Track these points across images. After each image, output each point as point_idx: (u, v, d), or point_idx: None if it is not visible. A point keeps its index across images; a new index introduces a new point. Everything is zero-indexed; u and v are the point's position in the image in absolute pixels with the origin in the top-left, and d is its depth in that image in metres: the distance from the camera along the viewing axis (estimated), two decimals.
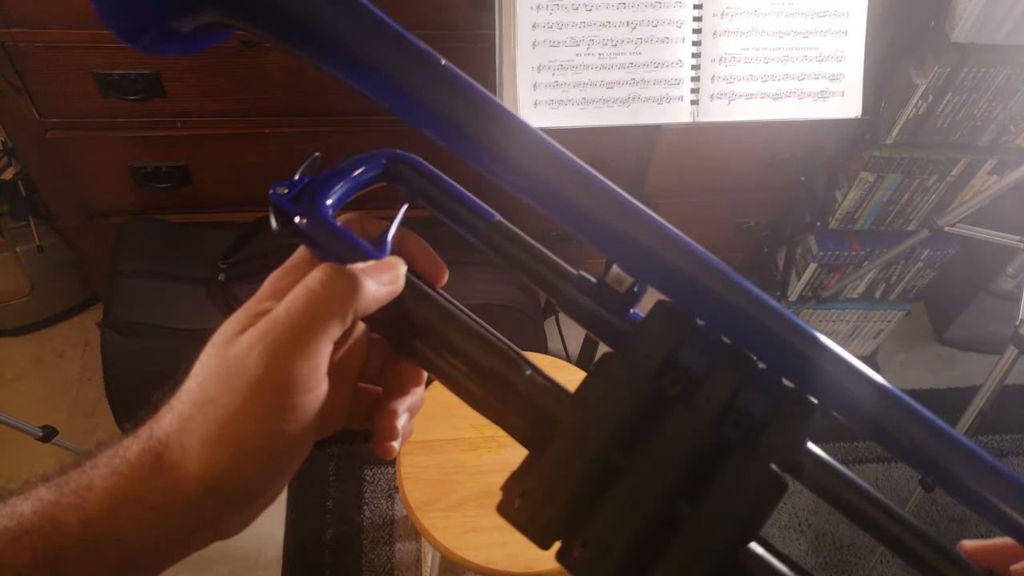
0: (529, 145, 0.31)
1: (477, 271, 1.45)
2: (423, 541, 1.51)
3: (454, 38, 1.35)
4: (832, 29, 1.08)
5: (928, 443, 0.30)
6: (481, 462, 1.11)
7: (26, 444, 1.34)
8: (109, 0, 0.30)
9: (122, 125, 1.40)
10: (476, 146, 0.32)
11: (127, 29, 0.31)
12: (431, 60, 0.32)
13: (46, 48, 1.26)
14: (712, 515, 0.29)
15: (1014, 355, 1.27)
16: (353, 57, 0.31)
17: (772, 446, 0.29)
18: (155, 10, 0.31)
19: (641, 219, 0.32)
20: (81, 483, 0.28)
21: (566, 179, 0.31)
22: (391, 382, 0.37)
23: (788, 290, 1.87)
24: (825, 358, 0.30)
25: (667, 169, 1.51)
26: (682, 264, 0.31)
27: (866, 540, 1.68)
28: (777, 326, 0.31)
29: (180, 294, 1.40)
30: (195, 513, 0.29)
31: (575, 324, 0.36)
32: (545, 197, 0.32)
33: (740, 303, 0.31)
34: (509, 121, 0.32)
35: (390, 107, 0.32)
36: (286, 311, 0.29)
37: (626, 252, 0.32)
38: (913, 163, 1.57)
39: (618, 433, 0.30)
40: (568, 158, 0.32)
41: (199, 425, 0.28)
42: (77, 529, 0.27)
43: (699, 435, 0.30)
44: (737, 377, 0.30)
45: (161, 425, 0.29)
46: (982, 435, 1.88)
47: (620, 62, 1.04)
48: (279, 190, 0.34)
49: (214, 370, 0.29)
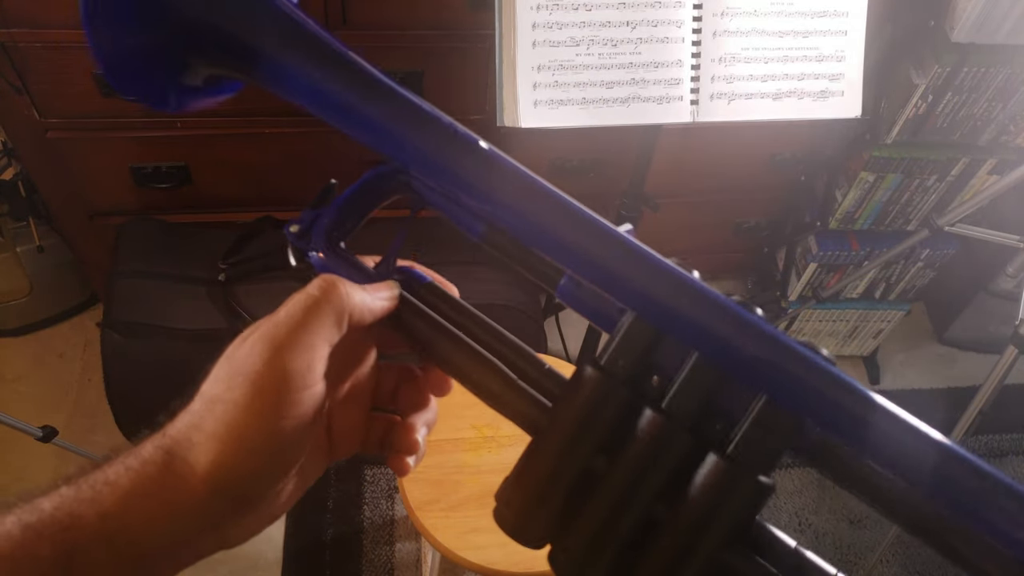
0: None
1: (478, 271, 1.45)
2: (423, 541, 1.51)
3: (454, 38, 1.35)
4: (832, 29, 1.08)
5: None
6: (481, 462, 1.11)
7: (26, 444, 1.34)
8: (125, 81, 0.35)
9: (122, 125, 1.40)
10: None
11: (154, 99, 0.36)
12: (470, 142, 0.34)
13: (46, 48, 1.26)
14: (688, 519, 0.29)
15: (1014, 355, 1.27)
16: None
17: (749, 446, 0.29)
18: (156, 76, 0.35)
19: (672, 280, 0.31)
20: (98, 479, 0.29)
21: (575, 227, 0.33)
22: (405, 402, 0.39)
23: (788, 290, 1.87)
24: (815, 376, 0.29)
25: (667, 169, 1.51)
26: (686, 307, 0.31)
27: (866, 540, 1.68)
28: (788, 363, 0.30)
29: (180, 294, 1.40)
30: (202, 512, 0.30)
31: (575, 324, 0.36)
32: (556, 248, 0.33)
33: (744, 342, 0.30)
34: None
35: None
36: (286, 312, 0.32)
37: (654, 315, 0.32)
38: (913, 163, 1.57)
39: (594, 441, 0.30)
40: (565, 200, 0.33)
41: (207, 422, 0.30)
42: (94, 522, 0.28)
43: (674, 439, 0.29)
44: (712, 377, 0.30)
45: (175, 425, 0.31)
46: (982, 435, 1.88)
47: (620, 62, 1.04)
48: (292, 228, 0.37)
49: (221, 370, 0.31)
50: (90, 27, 0.34)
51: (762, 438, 0.29)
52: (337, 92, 0.34)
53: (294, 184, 1.57)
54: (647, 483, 0.29)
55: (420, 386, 0.38)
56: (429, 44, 1.36)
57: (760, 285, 2.04)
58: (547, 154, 1.58)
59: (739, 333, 0.29)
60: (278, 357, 0.30)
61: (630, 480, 0.29)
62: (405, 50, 1.36)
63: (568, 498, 0.30)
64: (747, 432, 0.29)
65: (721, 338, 0.29)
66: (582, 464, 0.30)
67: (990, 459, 1.86)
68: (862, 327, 1.92)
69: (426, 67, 1.39)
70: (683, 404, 0.30)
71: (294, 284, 1.47)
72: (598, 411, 0.30)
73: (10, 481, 1.60)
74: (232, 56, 0.35)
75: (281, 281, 1.41)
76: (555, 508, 0.30)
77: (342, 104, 0.34)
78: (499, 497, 0.31)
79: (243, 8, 0.34)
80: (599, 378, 0.30)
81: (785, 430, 0.29)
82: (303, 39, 0.34)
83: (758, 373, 0.29)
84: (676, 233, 1.82)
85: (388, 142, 0.35)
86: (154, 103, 0.36)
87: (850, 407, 0.28)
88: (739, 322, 0.29)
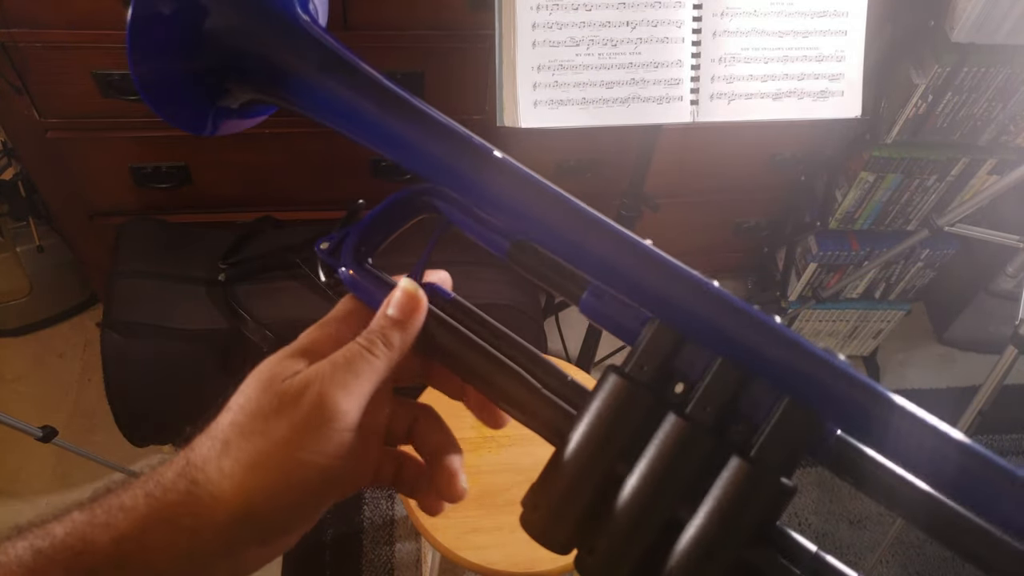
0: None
1: (479, 271, 1.45)
2: (423, 541, 1.51)
3: (454, 38, 1.35)
4: (832, 29, 1.08)
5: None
6: (482, 462, 1.11)
7: (26, 444, 1.34)
8: (165, 106, 0.37)
9: (122, 125, 1.40)
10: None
11: (192, 124, 0.38)
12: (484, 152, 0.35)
13: (46, 48, 1.26)
14: (712, 521, 0.29)
15: (1014, 355, 1.27)
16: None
17: (771, 448, 0.29)
18: (195, 102, 0.37)
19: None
20: (113, 504, 0.29)
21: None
22: (429, 442, 0.38)
23: (788, 290, 1.87)
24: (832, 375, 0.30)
25: (667, 169, 1.52)
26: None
27: (866, 540, 1.69)
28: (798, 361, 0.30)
29: (180, 294, 1.40)
30: (222, 540, 0.30)
31: (575, 324, 0.36)
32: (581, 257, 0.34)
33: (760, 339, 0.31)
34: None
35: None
36: (344, 357, 0.32)
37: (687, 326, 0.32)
38: (913, 163, 1.57)
39: (620, 446, 0.31)
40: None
41: (242, 452, 0.30)
42: (108, 547, 0.28)
43: (697, 442, 0.30)
44: (734, 381, 0.30)
45: (198, 453, 0.30)
46: (982, 435, 1.88)
47: (620, 62, 1.04)
48: (322, 245, 0.38)
49: (264, 402, 0.31)
50: (133, 56, 0.35)
51: (783, 440, 0.29)
52: (371, 114, 0.35)
53: (294, 184, 1.57)
54: (671, 486, 0.30)
55: (440, 424, 0.38)
56: (429, 44, 1.36)
57: (760, 285, 2.04)
58: (548, 154, 1.58)
59: (761, 337, 0.30)
60: (330, 398, 0.31)
61: (656, 483, 0.30)
62: (405, 50, 1.36)
63: (595, 502, 0.30)
64: (769, 434, 0.29)
65: (743, 342, 0.30)
66: (608, 469, 0.31)
67: None
68: (862, 327, 1.92)
69: (426, 67, 1.39)
70: (706, 408, 0.30)
71: (294, 284, 1.47)
72: (624, 416, 0.31)
73: (9, 481, 1.60)
74: (270, 82, 0.36)
75: (281, 281, 1.41)
76: (582, 512, 0.30)
77: (375, 126, 0.35)
78: (526, 503, 0.31)
79: (281, 37, 0.36)
80: (625, 385, 0.31)
81: (805, 431, 0.29)
82: (339, 66, 0.36)
83: (781, 376, 0.30)
84: (676, 233, 1.82)
85: (422, 163, 0.36)
86: (192, 129, 0.38)
87: (870, 407, 0.29)
88: (760, 327, 0.30)
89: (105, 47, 1.28)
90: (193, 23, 0.35)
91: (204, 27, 0.35)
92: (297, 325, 0.35)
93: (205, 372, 1.38)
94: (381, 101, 0.35)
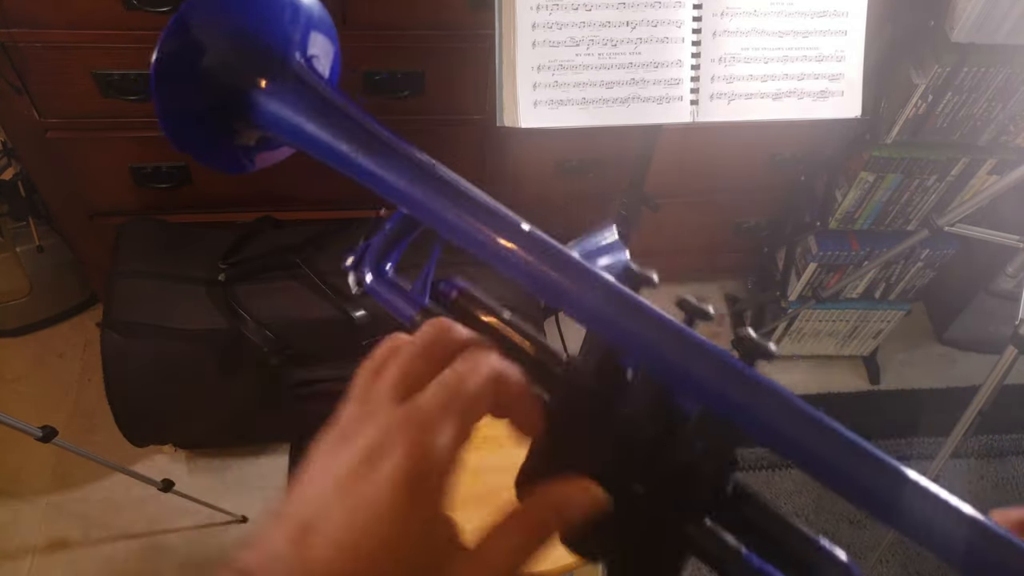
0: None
1: (479, 271, 1.45)
2: None
3: (454, 38, 1.35)
4: (832, 29, 1.08)
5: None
6: (481, 462, 1.11)
7: (26, 444, 1.34)
8: (191, 147, 0.41)
9: (122, 125, 1.40)
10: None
11: (229, 166, 0.44)
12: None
13: (46, 48, 1.26)
14: (658, 493, 0.32)
15: (1014, 355, 1.27)
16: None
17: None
18: (214, 142, 0.42)
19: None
20: None
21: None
22: None
23: (788, 290, 1.87)
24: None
25: (667, 169, 1.51)
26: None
27: (866, 540, 1.69)
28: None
29: (180, 294, 1.40)
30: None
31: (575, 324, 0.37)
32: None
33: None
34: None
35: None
36: (438, 460, 0.31)
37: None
38: (913, 163, 1.57)
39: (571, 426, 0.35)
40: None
41: (309, 566, 0.27)
42: None
43: (643, 427, 0.33)
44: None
45: (258, 558, 0.28)
46: (982, 435, 1.88)
47: (620, 62, 1.04)
48: (348, 261, 0.44)
49: (328, 500, 0.29)
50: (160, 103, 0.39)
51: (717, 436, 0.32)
52: (391, 179, 0.39)
53: (294, 184, 1.57)
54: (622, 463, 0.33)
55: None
56: (429, 44, 1.36)
57: (760, 285, 2.04)
58: (548, 154, 1.58)
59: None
60: (426, 509, 0.29)
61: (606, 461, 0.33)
62: (405, 50, 1.36)
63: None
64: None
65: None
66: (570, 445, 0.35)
67: (990, 459, 1.87)
68: (862, 327, 1.92)
69: (426, 67, 1.39)
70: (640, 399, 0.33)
71: (294, 284, 1.46)
72: (570, 403, 0.35)
73: (9, 481, 1.60)
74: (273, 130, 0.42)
75: (281, 281, 1.41)
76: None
77: (394, 189, 0.39)
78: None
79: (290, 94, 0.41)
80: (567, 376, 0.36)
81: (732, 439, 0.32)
82: (364, 136, 0.40)
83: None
84: (676, 233, 1.82)
85: (428, 216, 0.39)
86: (230, 169, 0.43)
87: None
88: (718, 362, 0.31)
89: (105, 47, 1.28)
90: (193, 61, 0.40)
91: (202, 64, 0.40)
92: (297, 325, 0.35)
93: (205, 372, 1.38)
94: (399, 165, 0.39)
